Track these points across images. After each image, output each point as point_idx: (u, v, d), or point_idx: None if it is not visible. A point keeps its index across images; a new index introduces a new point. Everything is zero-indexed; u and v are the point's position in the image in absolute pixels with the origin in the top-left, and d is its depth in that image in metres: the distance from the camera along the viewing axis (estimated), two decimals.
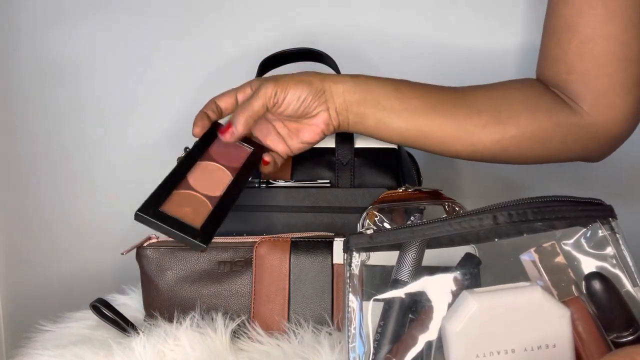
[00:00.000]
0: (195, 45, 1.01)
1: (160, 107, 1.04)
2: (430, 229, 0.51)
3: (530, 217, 0.49)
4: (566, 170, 0.97)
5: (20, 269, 1.12)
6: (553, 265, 0.51)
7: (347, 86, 0.72)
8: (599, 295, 0.49)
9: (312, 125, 0.73)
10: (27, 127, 1.08)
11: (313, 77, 0.72)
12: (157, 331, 0.68)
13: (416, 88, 0.73)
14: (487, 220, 0.49)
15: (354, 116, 0.72)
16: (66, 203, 1.08)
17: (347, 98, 0.72)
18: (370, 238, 0.53)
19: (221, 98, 0.75)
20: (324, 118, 0.72)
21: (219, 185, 0.69)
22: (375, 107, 0.72)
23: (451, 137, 0.72)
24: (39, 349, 0.70)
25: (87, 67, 1.04)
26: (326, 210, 0.77)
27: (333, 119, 0.73)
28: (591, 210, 0.51)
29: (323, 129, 0.73)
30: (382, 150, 0.79)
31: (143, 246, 0.73)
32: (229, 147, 0.73)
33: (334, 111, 0.72)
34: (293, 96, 0.70)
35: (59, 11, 1.03)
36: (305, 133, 0.74)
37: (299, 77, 0.71)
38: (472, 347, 0.46)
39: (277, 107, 0.71)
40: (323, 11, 0.98)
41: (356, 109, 0.72)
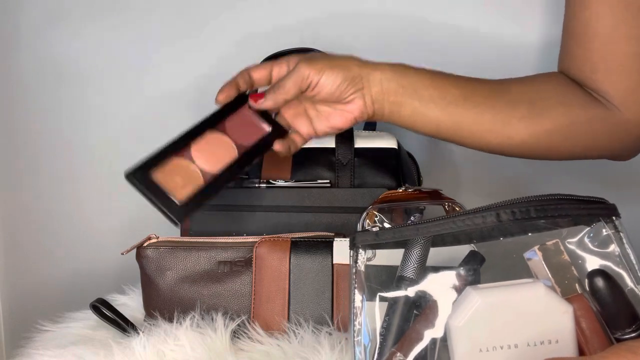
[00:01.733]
0: (196, 45, 1.01)
1: (161, 107, 1.04)
2: (435, 226, 0.51)
3: (533, 214, 0.49)
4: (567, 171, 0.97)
5: (20, 269, 1.12)
6: (557, 263, 0.51)
7: (385, 74, 0.70)
8: (601, 292, 0.49)
9: (345, 111, 0.71)
10: (27, 127, 1.08)
11: (351, 62, 0.70)
12: (157, 331, 0.68)
13: (453, 78, 0.72)
14: (490, 218, 0.50)
15: (390, 105, 0.70)
16: (66, 203, 1.08)
17: (385, 86, 0.70)
18: (376, 235, 0.53)
19: (256, 69, 0.73)
20: (358, 105, 0.70)
21: (220, 161, 0.67)
22: (412, 96, 0.70)
23: (487, 128, 0.71)
24: (39, 349, 0.70)
25: (88, 67, 1.04)
26: (326, 210, 0.77)
27: (368, 107, 0.70)
28: (595, 208, 0.51)
29: (356, 116, 0.71)
30: (382, 150, 0.79)
31: (143, 246, 0.73)
32: (247, 123, 0.71)
33: (369, 99, 0.70)
34: (327, 80, 0.68)
35: (60, 11, 1.03)
36: (336, 118, 0.72)
37: (336, 61, 0.69)
38: (475, 341, 0.46)
39: (310, 90, 0.69)
40: (323, 11, 0.98)
41: (393, 98, 0.70)
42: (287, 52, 0.84)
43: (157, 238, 0.74)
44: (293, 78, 0.68)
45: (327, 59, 0.70)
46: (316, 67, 0.68)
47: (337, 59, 0.70)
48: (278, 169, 0.78)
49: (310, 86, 0.68)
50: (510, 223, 0.50)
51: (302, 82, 0.68)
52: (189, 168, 0.65)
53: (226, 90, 0.71)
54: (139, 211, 1.06)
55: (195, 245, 0.72)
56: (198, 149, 0.67)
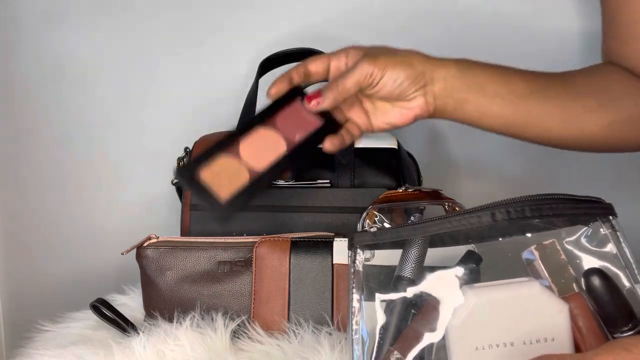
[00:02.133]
0: (196, 45, 1.01)
1: (161, 107, 1.04)
2: (431, 226, 0.52)
3: (528, 214, 0.50)
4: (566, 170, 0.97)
5: (20, 269, 1.12)
6: (554, 262, 0.51)
7: (450, 71, 0.67)
8: (598, 290, 0.49)
9: (405, 108, 0.68)
10: (28, 126, 1.08)
11: (415, 58, 0.66)
12: (157, 331, 0.68)
13: (518, 72, 0.69)
14: (485, 218, 0.50)
15: (454, 102, 0.67)
16: (67, 203, 1.08)
17: (449, 84, 0.67)
18: (373, 235, 0.53)
19: (313, 63, 0.69)
20: (419, 103, 0.67)
21: (268, 157, 0.64)
22: (478, 93, 0.67)
23: (556, 122, 0.68)
24: (39, 349, 0.70)
25: (88, 66, 1.04)
26: (326, 210, 0.77)
27: (429, 105, 0.67)
28: (591, 208, 0.52)
29: (416, 114, 0.68)
30: (382, 150, 0.79)
31: (143, 246, 0.73)
32: (298, 117, 0.67)
33: (431, 97, 0.67)
34: (390, 78, 0.65)
35: (61, 10, 1.03)
36: (395, 115, 0.68)
37: (400, 57, 0.66)
38: (471, 339, 0.47)
39: (370, 87, 0.65)
40: (323, 11, 0.98)
41: (457, 95, 0.67)
42: (287, 52, 0.84)
43: (157, 238, 0.74)
44: (355, 76, 0.65)
45: (390, 55, 0.66)
46: (379, 64, 0.64)
47: (400, 55, 0.66)
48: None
49: (371, 85, 0.65)
50: (505, 222, 0.50)
51: (363, 80, 0.65)
52: (236, 166, 0.63)
53: (278, 84, 0.67)
54: (139, 211, 1.06)
55: (195, 245, 0.72)
56: (246, 146, 0.64)
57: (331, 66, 0.69)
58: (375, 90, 0.66)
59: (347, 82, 0.65)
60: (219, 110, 1.01)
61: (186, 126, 1.02)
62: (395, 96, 0.66)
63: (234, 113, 0.86)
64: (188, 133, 0.98)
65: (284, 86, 0.67)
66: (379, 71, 0.64)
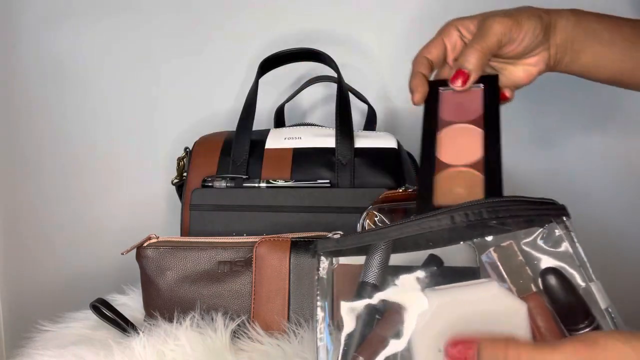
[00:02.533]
0: (196, 45, 1.02)
1: (161, 107, 1.04)
2: (393, 231, 0.52)
3: (485, 216, 0.50)
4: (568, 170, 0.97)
5: (20, 269, 1.12)
6: (512, 263, 0.52)
7: (569, 20, 0.65)
8: (554, 289, 0.50)
9: (530, 65, 0.66)
10: (28, 126, 1.08)
11: (539, 10, 0.64)
12: (157, 331, 0.68)
13: (626, 19, 0.68)
14: (445, 221, 0.51)
15: (572, 53, 0.66)
16: (67, 203, 1.08)
17: (569, 33, 0.65)
18: (336, 242, 0.53)
19: (428, 50, 0.66)
20: (544, 57, 0.65)
21: (475, 145, 0.59)
22: (594, 41, 0.65)
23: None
24: (39, 349, 0.70)
25: (88, 66, 1.04)
26: (326, 210, 0.77)
27: (551, 58, 0.66)
28: (545, 209, 0.53)
29: (540, 69, 0.66)
30: (382, 150, 0.79)
31: (143, 246, 0.73)
32: (458, 98, 0.63)
33: (554, 49, 0.65)
34: (528, 31, 0.62)
35: (61, 10, 1.03)
36: (519, 74, 0.66)
37: (526, 11, 0.63)
38: (434, 342, 0.47)
39: (510, 44, 0.63)
40: (323, 11, 0.98)
41: (576, 45, 0.65)
42: (287, 52, 0.84)
43: (157, 238, 0.74)
44: (494, 33, 0.61)
45: (515, 11, 0.63)
46: (514, 18, 0.62)
47: (523, 9, 0.64)
48: (278, 169, 0.78)
49: (512, 40, 0.62)
50: (464, 225, 0.51)
51: (504, 36, 0.62)
52: (458, 173, 0.58)
53: (419, 88, 0.64)
54: (139, 211, 1.06)
55: (195, 245, 0.72)
56: (446, 154, 0.60)
57: (447, 45, 0.66)
58: (512, 48, 0.63)
59: (488, 41, 0.62)
60: (219, 110, 1.01)
61: (186, 126, 1.02)
62: (528, 51, 0.64)
63: (234, 113, 0.86)
64: (188, 133, 0.98)
65: (425, 88, 0.64)
66: (517, 26, 0.62)
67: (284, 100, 0.95)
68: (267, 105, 0.98)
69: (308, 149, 0.79)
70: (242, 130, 0.81)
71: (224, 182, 0.78)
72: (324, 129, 0.83)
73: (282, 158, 0.79)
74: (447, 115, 0.62)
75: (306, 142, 0.80)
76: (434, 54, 0.66)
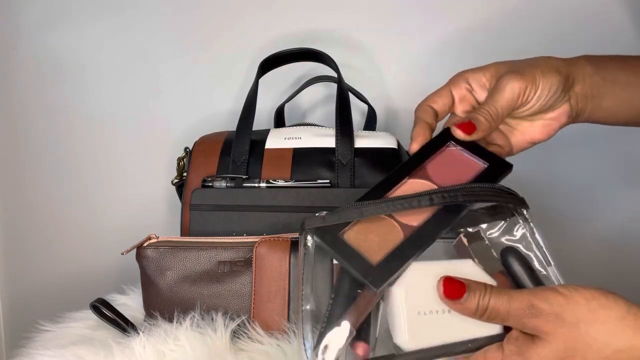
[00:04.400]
0: (196, 46, 1.01)
1: (161, 107, 1.04)
2: (376, 209, 0.55)
3: (460, 199, 0.55)
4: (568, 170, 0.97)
5: (20, 269, 1.12)
6: (478, 246, 0.57)
7: (586, 69, 0.62)
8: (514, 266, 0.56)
9: (550, 120, 0.62)
10: (28, 127, 1.08)
11: (555, 62, 0.61)
12: (157, 331, 0.68)
13: (631, 57, 0.65)
14: (424, 202, 0.55)
15: (593, 101, 0.63)
16: (67, 203, 1.08)
17: (588, 82, 0.62)
18: (323, 219, 0.55)
19: (434, 99, 0.63)
20: (565, 110, 0.62)
21: (426, 211, 0.56)
22: (613, 85, 0.63)
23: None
24: (39, 349, 0.70)
25: (88, 66, 1.04)
26: (326, 210, 0.76)
27: (573, 110, 0.62)
28: (509, 198, 0.57)
29: (562, 123, 0.62)
30: (382, 150, 0.79)
31: (143, 246, 0.73)
32: (453, 161, 0.60)
33: (574, 100, 0.62)
34: (544, 90, 0.59)
35: (61, 10, 1.03)
36: (537, 129, 0.63)
37: (543, 65, 0.60)
38: (414, 305, 0.52)
39: (523, 105, 0.60)
40: (323, 12, 0.98)
41: (596, 92, 0.62)
42: (287, 52, 0.84)
43: (157, 238, 0.74)
44: (507, 96, 0.58)
45: (532, 65, 0.60)
46: (529, 78, 0.58)
47: (542, 62, 0.61)
48: (278, 169, 0.78)
49: (525, 102, 0.59)
50: (441, 205, 0.55)
51: (517, 98, 0.59)
52: (387, 223, 0.56)
53: (419, 138, 0.60)
54: (139, 211, 1.06)
55: (195, 245, 0.72)
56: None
57: (455, 96, 0.63)
58: (527, 108, 0.60)
59: (500, 104, 0.58)
60: (219, 110, 1.01)
61: (186, 126, 1.02)
62: (546, 109, 0.61)
63: (234, 113, 0.86)
64: (188, 133, 0.98)
65: (427, 135, 0.61)
66: (532, 86, 0.59)
67: (284, 100, 0.95)
68: (267, 105, 0.98)
69: (308, 149, 0.79)
70: (242, 130, 0.81)
71: (224, 182, 0.78)
72: (324, 129, 0.83)
73: (282, 158, 0.79)
74: (432, 169, 0.59)
75: (306, 142, 0.80)
76: (439, 104, 0.63)
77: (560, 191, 0.99)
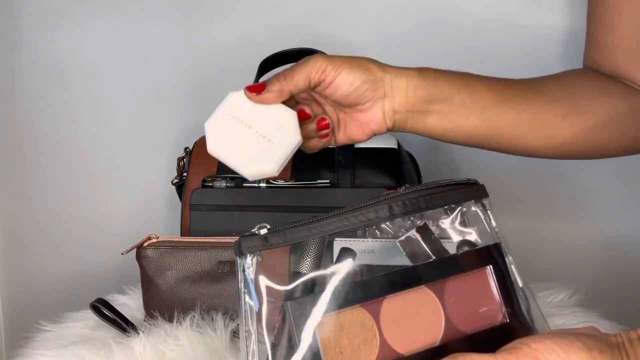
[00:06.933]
0: (196, 45, 1.01)
1: (161, 107, 1.04)
2: (328, 225, 0.51)
3: (423, 205, 0.52)
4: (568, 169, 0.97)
5: (20, 269, 1.12)
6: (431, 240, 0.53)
7: (412, 81, 0.63)
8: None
9: (362, 123, 0.64)
10: (28, 126, 1.08)
11: (372, 64, 0.62)
12: (157, 331, 0.68)
13: (484, 80, 0.66)
14: (383, 212, 0.51)
15: (415, 115, 0.64)
16: (67, 203, 1.08)
17: (411, 95, 0.63)
18: (264, 240, 0.50)
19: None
20: (376, 117, 0.63)
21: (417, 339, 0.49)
22: (442, 104, 0.64)
23: (525, 130, 0.65)
24: (39, 349, 0.70)
25: (88, 66, 1.04)
26: (326, 210, 0.76)
27: (387, 119, 0.64)
28: (470, 191, 0.55)
29: (374, 129, 0.64)
30: (382, 150, 0.79)
31: (143, 246, 0.73)
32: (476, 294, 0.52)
33: (390, 109, 0.63)
34: (345, 80, 0.61)
35: (61, 10, 1.03)
36: (354, 129, 0.65)
37: (356, 60, 0.62)
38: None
39: (323, 86, 0.61)
40: (323, 11, 0.98)
41: (419, 107, 0.63)
42: (286, 52, 0.84)
43: (157, 238, 0.74)
44: (306, 67, 0.60)
45: (345, 57, 0.62)
46: (334, 63, 0.60)
47: (356, 58, 0.62)
48: None
49: (323, 82, 0.61)
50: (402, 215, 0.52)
51: (314, 73, 0.60)
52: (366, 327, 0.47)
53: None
54: (139, 211, 1.06)
55: (195, 245, 0.72)
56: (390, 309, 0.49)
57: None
58: (329, 92, 0.62)
59: (297, 73, 0.61)
60: None
61: (186, 126, 1.02)
62: (350, 101, 0.62)
63: None
64: (188, 133, 0.98)
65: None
66: (333, 69, 0.60)
67: None
68: None
69: None
70: None
71: (224, 182, 0.78)
72: None
73: None
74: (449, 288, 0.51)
75: None
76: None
77: (561, 191, 0.99)
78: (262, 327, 0.48)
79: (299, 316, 0.47)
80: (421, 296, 0.50)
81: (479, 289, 0.52)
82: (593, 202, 0.99)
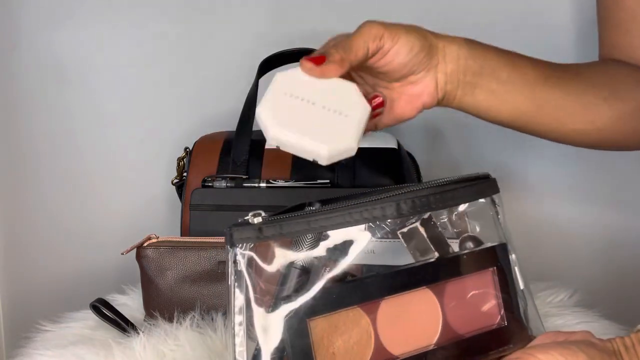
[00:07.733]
0: (196, 46, 1.01)
1: (161, 107, 1.04)
2: (329, 220, 0.47)
3: (433, 205, 0.49)
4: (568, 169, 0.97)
5: (20, 269, 1.12)
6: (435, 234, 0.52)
7: (462, 50, 0.59)
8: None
9: (412, 96, 0.59)
10: (28, 126, 1.08)
11: (424, 30, 0.58)
12: (157, 331, 0.68)
13: (528, 59, 0.63)
14: (389, 210, 0.48)
15: (465, 86, 0.60)
16: (67, 203, 1.08)
17: (462, 64, 0.59)
18: (259, 231, 0.47)
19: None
20: (429, 87, 0.59)
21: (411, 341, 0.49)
22: (490, 77, 0.60)
23: (569, 112, 0.63)
24: (39, 349, 0.70)
25: (88, 66, 1.04)
26: None
27: (440, 89, 0.59)
28: (481, 188, 0.53)
29: (425, 102, 0.60)
30: (382, 150, 0.79)
31: (143, 246, 0.73)
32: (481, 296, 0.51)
33: (442, 78, 0.59)
34: (404, 45, 0.56)
35: (61, 10, 1.03)
36: (402, 105, 0.60)
37: (410, 26, 0.57)
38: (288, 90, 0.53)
39: (381, 55, 0.56)
40: (323, 11, 0.98)
41: (469, 78, 0.60)
42: (287, 52, 0.84)
43: (157, 238, 0.74)
44: (362, 36, 0.55)
45: (398, 24, 0.57)
46: (390, 29, 0.55)
47: (407, 25, 0.58)
48: (278, 169, 0.78)
49: (382, 50, 0.56)
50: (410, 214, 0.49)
51: (372, 41, 0.55)
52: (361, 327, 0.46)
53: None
54: (139, 211, 1.06)
55: (195, 245, 0.72)
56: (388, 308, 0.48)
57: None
58: (386, 61, 0.56)
59: (355, 43, 0.55)
60: (219, 110, 1.01)
61: (186, 126, 1.02)
62: (405, 72, 0.58)
63: (234, 113, 0.86)
64: (188, 133, 0.98)
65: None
66: (390, 36, 0.55)
67: None
68: None
69: None
70: (242, 130, 0.81)
71: (224, 182, 0.78)
72: None
73: (282, 158, 0.78)
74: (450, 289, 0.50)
75: None
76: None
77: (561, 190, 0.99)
78: (252, 323, 0.46)
79: (292, 315, 0.45)
80: (421, 297, 0.49)
81: (480, 292, 0.51)
82: (593, 202, 0.99)
